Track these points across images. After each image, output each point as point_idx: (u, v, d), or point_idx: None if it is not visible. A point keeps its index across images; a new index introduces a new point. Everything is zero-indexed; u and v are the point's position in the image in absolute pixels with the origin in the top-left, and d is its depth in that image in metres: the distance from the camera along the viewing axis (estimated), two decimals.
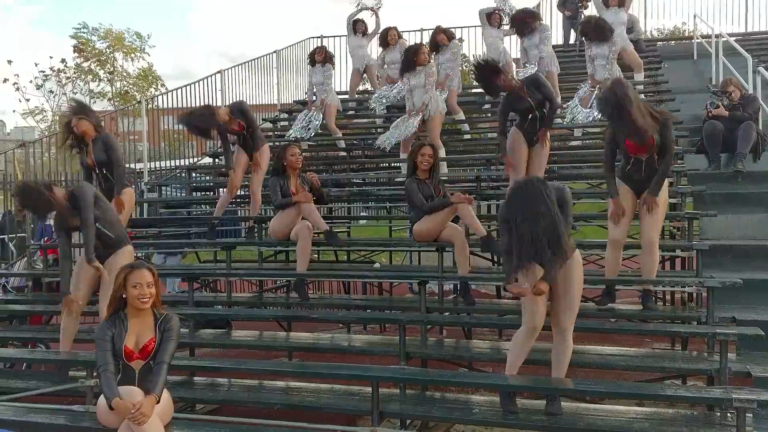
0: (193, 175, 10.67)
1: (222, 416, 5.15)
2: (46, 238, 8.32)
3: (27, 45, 62.73)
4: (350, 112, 12.11)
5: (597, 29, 9.21)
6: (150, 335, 4.20)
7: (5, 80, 28.67)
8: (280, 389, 5.51)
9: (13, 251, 8.64)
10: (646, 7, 15.62)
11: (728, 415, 4.44)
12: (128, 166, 10.28)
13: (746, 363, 4.95)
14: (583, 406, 4.80)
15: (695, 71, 11.62)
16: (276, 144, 8.66)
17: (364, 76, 12.24)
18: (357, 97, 12.87)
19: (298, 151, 6.78)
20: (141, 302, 4.15)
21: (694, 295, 6.75)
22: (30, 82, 28.64)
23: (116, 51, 28.68)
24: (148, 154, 10.26)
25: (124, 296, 4.19)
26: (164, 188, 10.20)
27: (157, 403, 4.01)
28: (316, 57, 10.45)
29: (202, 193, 10.43)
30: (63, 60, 27.57)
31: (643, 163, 5.34)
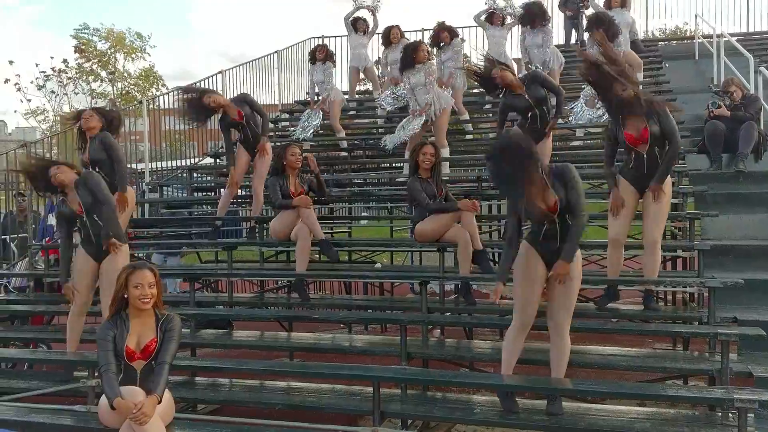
0: (195, 176, 10.67)
1: (223, 416, 5.16)
2: (47, 239, 8.33)
3: (28, 45, 62.85)
4: (351, 112, 12.12)
5: (607, 30, 8.87)
6: (151, 335, 4.21)
7: (6, 81, 28.76)
8: (282, 389, 5.51)
9: (14, 251, 8.65)
10: (648, 7, 15.64)
11: (730, 415, 4.44)
12: (129, 166, 10.30)
13: (748, 363, 4.95)
14: (585, 406, 4.80)
15: (697, 71, 11.62)
16: (277, 144, 8.66)
17: (362, 77, 12.24)
18: (358, 97, 12.88)
19: (298, 151, 6.79)
20: (142, 302, 4.16)
21: (695, 296, 6.75)
22: (31, 82, 28.74)
23: (117, 51, 28.72)
24: (149, 155, 10.27)
25: (125, 296, 4.20)
26: (165, 188, 10.21)
27: (159, 403, 4.01)
28: (317, 55, 10.39)
29: (204, 194, 10.44)
30: (64, 60, 27.65)
31: (644, 158, 5.33)
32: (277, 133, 11.82)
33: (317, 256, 7.34)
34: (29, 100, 28.97)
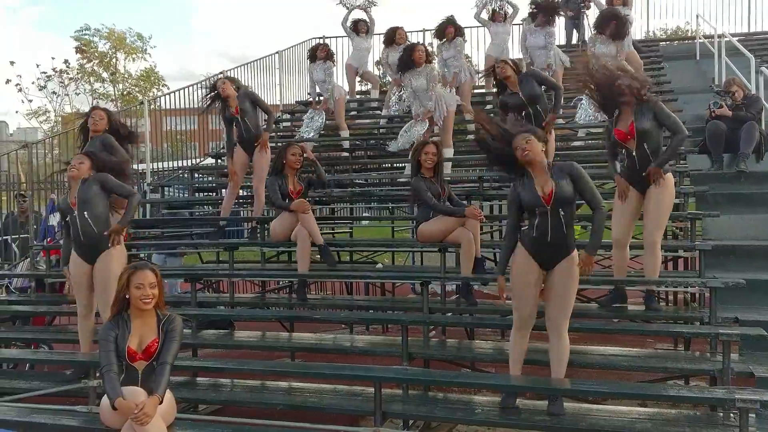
0: (196, 176, 10.67)
1: (225, 417, 5.18)
2: (48, 239, 8.33)
3: (29, 46, 62.87)
4: (352, 113, 12.11)
5: (620, 27, 8.76)
6: (153, 336, 4.21)
7: (8, 81, 28.80)
8: (283, 390, 5.52)
9: (16, 252, 8.65)
10: (649, 6, 15.62)
11: (731, 415, 4.44)
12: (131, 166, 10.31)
13: (749, 363, 4.95)
14: (586, 406, 4.80)
15: (698, 71, 11.61)
16: (278, 144, 8.66)
17: (359, 80, 12.26)
18: (359, 97, 12.87)
19: (298, 151, 6.79)
20: (144, 303, 4.16)
21: (696, 296, 6.75)
22: (32, 83, 28.77)
23: (118, 51, 28.75)
24: (150, 155, 10.26)
25: (127, 297, 4.20)
26: (167, 189, 10.21)
27: (160, 403, 4.01)
28: (318, 53, 10.22)
29: (205, 194, 10.44)
30: (66, 61, 27.68)
31: (635, 157, 5.34)
32: (279, 133, 11.82)
33: (318, 256, 7.35)
34: (30, 101, 29.04)
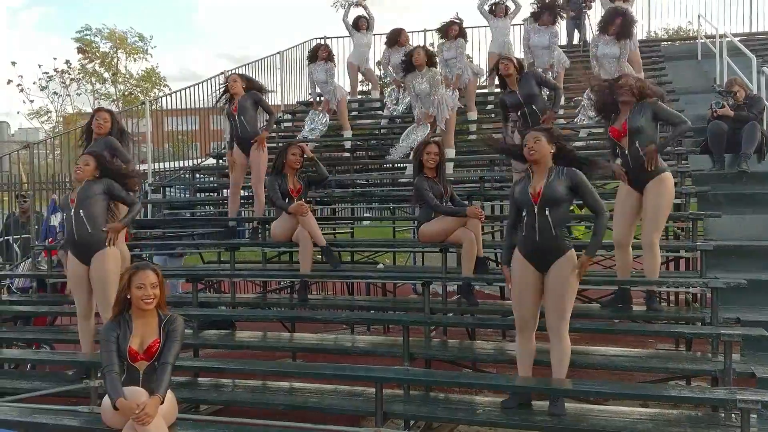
0: (197, 176, 10.68)
1: (226, 417, 5.18)
2: (50, 239, 8.33)
3: (31, 47, 62.97)
4: (353, 113, 12.10)
5: (626, 24, 8.57)
6: (154, 336, 4.21)
7: (9, 82, 28.85)
8: (284, 390, 5.51)
9: (17, 252, 8.66)
10: (651, 6, 15.60)
11: (732, 415, 4.43)
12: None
13: (750, 364, 4.95)
14: (587, 407, 4.79)
15: (699, 71, 11.60)
16: (279, 145, 8.66)
17: (361, 79, 12.26)
18: (360, 97, 12.87)
19: (298, 152, 6.79)
20: (145, 303, 4.16)
21: (698, 296, 6.73)
22: (34, 83, 28.79)
23: (119, 50, 28.76)
24: (151, 156, 10.27)
25: (128, 297, 4.21)
26: (168, 189, 10.21)
27: (162, 403, 4.01)
28: (319, 53, 10.17)
29: (206, 194, 10.44)
30: (67, 61, 27.70)
31: (628, 156, 5.36)
32: (280, 133, 11.82)
33: (319, 256, 7.35)
34: (32, 101, 29.06)
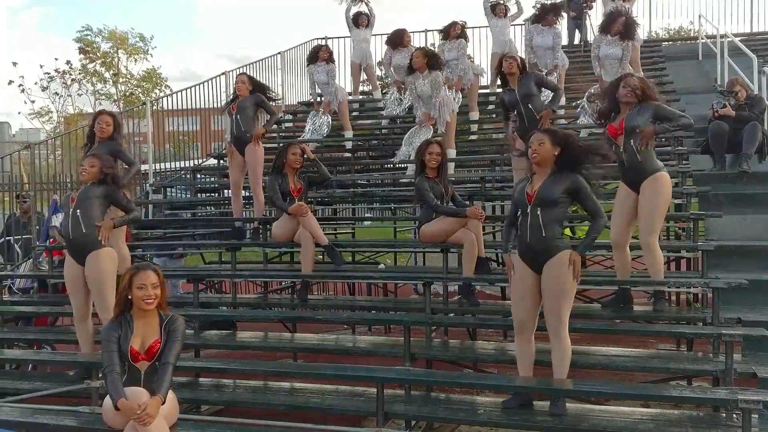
0: (198, 177, 10.68)
1: (227, 417, 5.18)
2: (51, 240, 8.34)
3: (32, 47, 63.05)
4: (354, 113, 12.09)
5: (629, 24, 8.65)
6: (155, 336, 4.21)
7: (10, 82, 28.90)
8: (285, 390, 5.51)
9: (18, 253, 8.66)
10: (652, 7, 15.60)
11: (734, 416, 4.43)
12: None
13: (752, 364, 4.94)
14: (588, 407, 4.79)
15: (700, 72, 11.60)
16: (280, 145, 8.66)
17: (364, 78, 12.24)
18: (361, 98, 12.87)
19: (299, 151, 6.79)
20: (146, 303, 4.16)
21: (699, 296, 6.72)
22: (35, 83, 28.81)
23: (120, 50, 28.76)
24: (152, 156, 10.28)
25: (129, 297, 4.21)
26: (169, 190, 10.22)
27: (163, 404, 4.02)
28: (320, 54, 10.15)
29: (207, 195, 10.44)
30: (68, 62, 27.71)
31: (623, 154, 5.39)
32: (281, 133, 11.82)
33: (321, 256, 7.35)
34: (33, 102, 29.08)
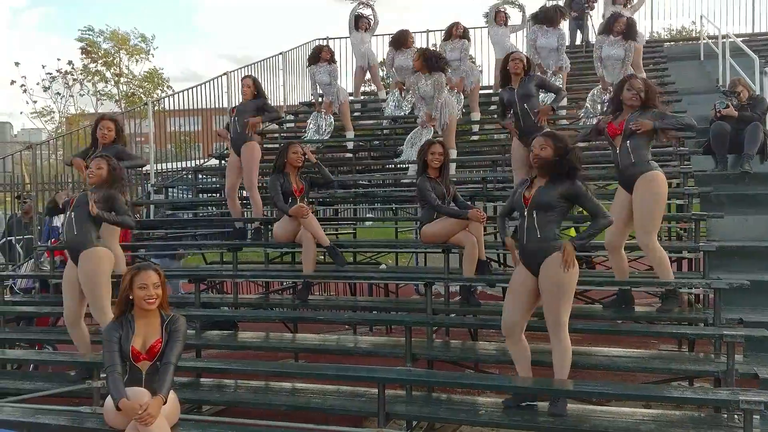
0: (200, 177, 10.69)
1: (228, 417, 5.18)
2: (53, 240, 8.35)
3: (34, 47, 63.14)
4: (356, 114, 12.09)
5: (630, 25, 8.83)
6: (157, 336, 4.21)
7: (12, 82, 28.91)
8: (287, 390, 5.52)
9: (20, 253, 8.67)
10: (653, 7, 15.60)
11: (735, 416, 4.42)
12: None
13: (753, 365, 4.94)
14: (590, 407, 4.79)
15: (702, 72, 11.59)
16: (280, 144, 8.66)
17: (367, 77, 12.23)
18: (362, 98, 12.87)
19: (300, 150, 6.79)
20: (147, 303, 4.17)
21: (701, 297, 6.72)
22: (37, 83, 28.84)
23: (121, 50, 28.77)
24: (154, 156, 10.28)
25: (130, 297, 4.21)
26: (170, 190, 10.22)
27: (164, 404, 4.02)
28: (322, 55, 10.11)
29: (209, 195, 10.45)
30: (70, 62, 27.73)
31: (618, 155, 5.39)
32: (283, 134, 11.83)
33: (322, 257, 7.35)
34: (35, 102, 29.10)
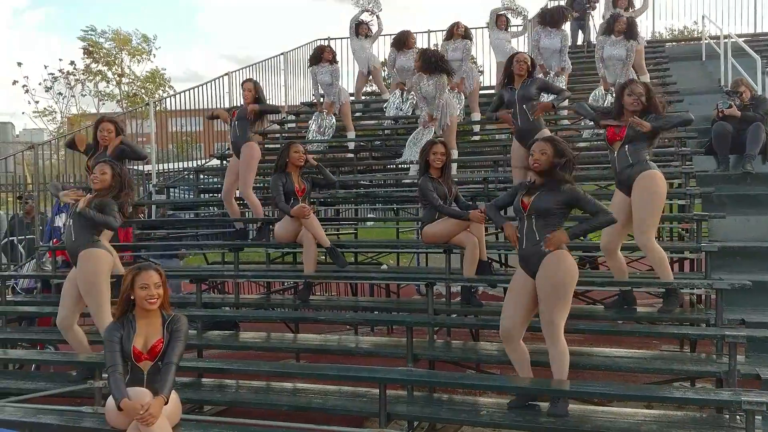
0: (201, 177, 10.69)
1: (230, 417, 5.18)
2: (54, 240, 8.36)
3: (36, 47, 63.22)
4: (357, 114, 12.10)
5: (631, 24, 8.90)
6: (158, 336, 4.22)
7: (15, 82, 28.94)
8: (288, 391, 5.52)
9: (22, 253, 8.68)
10: (655, 7, 15.59)
11: (737, 417, 4.42)
12: (136, 167, 10.33)
13: (755, 365, 4.93)
14: (591, 408, 4.79)
15: (704, 72, 11.58)
16: (281, 144, 8.66)
17: (369, 78, 12.23)
18: (363, 99, 12.87)
19: (301, 149, 6.79)
20: (149, 303, 4.17)
21: (702, 297, 6.72)
22: (39, 84, 28.85)
23: (122, 50, 28.77)
24: (155, 156, 10.29)
25: (132, 297, 4.21)
26: (172, 190, 10.23)
27: (166, 404, 4.02)
28: (324, 55, 10.10)
29: (210, 195, 10.45)
30: (72, 62, 27.72)
31: (615, 159, 5.40)
32: (284, 134, 11.83)
33: (323, 257, 7.35)
34: (37, 102, 29.11)
